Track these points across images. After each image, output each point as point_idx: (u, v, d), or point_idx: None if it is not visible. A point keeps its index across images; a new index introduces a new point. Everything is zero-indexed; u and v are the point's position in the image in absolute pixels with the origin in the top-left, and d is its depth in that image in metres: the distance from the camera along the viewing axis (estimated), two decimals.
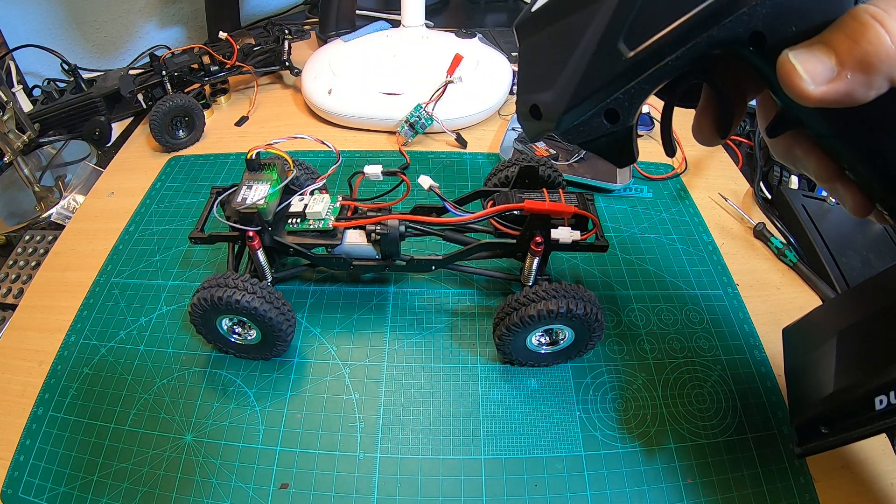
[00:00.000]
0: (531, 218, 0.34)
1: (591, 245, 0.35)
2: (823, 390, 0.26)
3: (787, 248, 0.45)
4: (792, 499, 0.32)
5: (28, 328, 0.41)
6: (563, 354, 0.36)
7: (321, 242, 0.35)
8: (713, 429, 0.35)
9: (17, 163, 0.53)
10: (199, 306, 0.33)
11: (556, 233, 0.34)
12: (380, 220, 0.34)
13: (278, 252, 0.37)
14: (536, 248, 0.34)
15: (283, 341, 0.35)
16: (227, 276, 0.33)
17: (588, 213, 0.35)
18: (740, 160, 0.57)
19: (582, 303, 0.32)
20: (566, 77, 0.22)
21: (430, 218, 0.35)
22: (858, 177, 0.22)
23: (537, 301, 0.32)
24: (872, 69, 0.17)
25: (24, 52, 0.66)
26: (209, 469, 0.33)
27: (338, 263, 0.36)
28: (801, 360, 0.30)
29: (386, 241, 0.35)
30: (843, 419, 0.25)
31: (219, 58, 0.60)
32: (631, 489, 0.32)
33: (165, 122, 0.55)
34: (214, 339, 0.36)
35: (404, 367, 0.38)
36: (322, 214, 0.36)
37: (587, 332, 0.34)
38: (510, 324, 0.33)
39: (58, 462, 0.33)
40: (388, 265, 0.36)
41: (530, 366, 0.37)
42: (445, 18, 0.90)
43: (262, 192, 0.34)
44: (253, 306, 0.32)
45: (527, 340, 0.35)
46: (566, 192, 0.36)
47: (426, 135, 0.58)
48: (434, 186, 0.34)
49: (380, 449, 0.34)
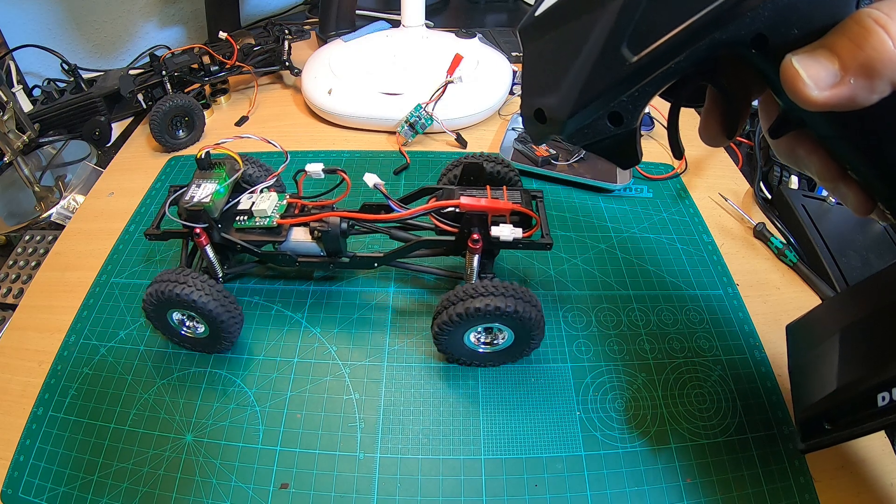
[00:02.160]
0: (467, 215, 0.34)
1: (533, 243, 0.35)
2: (827, 387, 0.26)
3: (787, 248, 0.45)
4: (792, 499, 0.32)
5: (28, 328, 0.41)
6: (502, 356, 0.36)
7: (267, 239, 0.36)
8: (713, 429, 0.35)
9: (17, 163, 0.53)
10: (150, 299, 0.34)
11: (496, 230, 0.34)
12: (320, 217, 0.35)
13: (228, 249, 0.38)
14: (474, 246, 0.34)
15: (229, 337, 0.36)
16: (178, 271, 0.34)
17: (527, 210, 0.34)
18: (740, 160, 0.57)
19: (522, 304, 0.32)
20: (570, 81, 0.22)
21: (367, 215, 0.36)
22: (861, 177, 0.22)
23: (476, 297, 0.32)
24: (876, 74, 0.17)
25: (24, 52, 0.66)
26: (209, 469, 0.33)
27: (284, 260, 0.37)
28: (804, 356, 0.30)
29: (327, 237, 0.35)
30: (847, 415, 0.26)
31: (219, 58, 0.60)
32: (631, 489, 0.32)
33: (165, 122, 0.55)
34: (167, 331, 0.37)
35: (404, 367, 0.38)
36: (268, 212, 0.36)
37: (527, 335, 0.34)
38: (448, 317, 0.33)
39: (58, 462, 0.33)
40: (333, 262, 0.37)
41: (465, 364, 0.37)
42: (445, 18, 0.90)
43: (209, 190, 0.35)
44: (199, 301, 0.33)
45: (465, 337, 0.35)
46: (511, 189, 0.36)
47: (426, 135, 0.58)
48: (379, 184, 0.34)
49: (380, 449, 0.34)
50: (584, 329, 0.40)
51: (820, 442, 0.27)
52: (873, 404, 0.24)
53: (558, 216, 0.49)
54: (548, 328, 0.40)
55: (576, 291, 0.43)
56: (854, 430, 0.25)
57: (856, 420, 0.25)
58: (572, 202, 0.51)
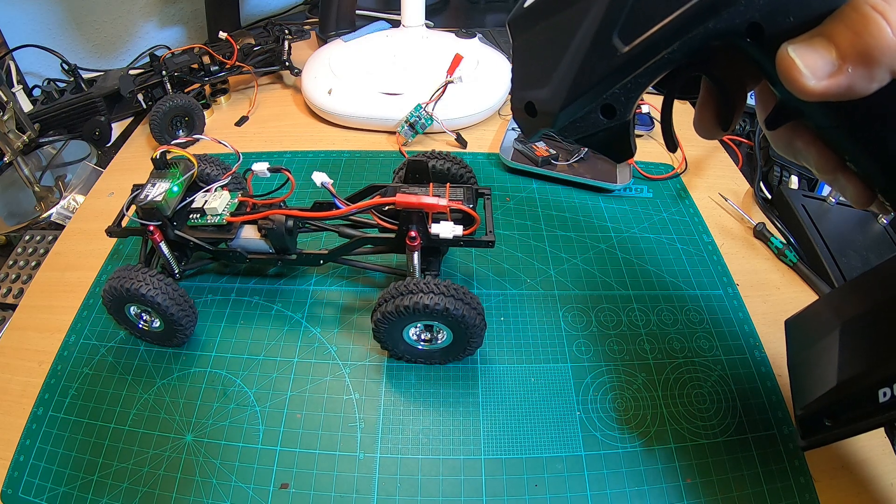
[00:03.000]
0: (404, 213, 0.34)
1: (475, 241, 0.35)
2: (827, 383, 0.26)
3: (787, 248, 0.45)
4: (792, 499, 0.32)
5: (28, 328, 0.41)
6: (441, 355, 0.36)
7: (218, 237, 0.37)
8: (713, 429, 0.35)
9: (17, 163, 0.53)
10: (107, 295, 0.35)
11: (436, 227, 0.34)
12: (266, 215, 0.36)
13: (184, 246, 0.38)
14: (411, 243, 0.34)
15: (183, 330, 0.36)
16: (133, 268, 0.35)
17: (465, 208, 0.35)
18: (740, 160, 0.57)
19: (461, 304, 0.32)
20: (561, 73, 0.22)
21: (308, 212, 0.36)
22: (860, 167, 0.21)
23: (415, 293, 0.32)
24: (874, 62, 0.17)
25: (24, 52, 0.66)
26: (209, 469, 0.33)
27: (235, 257, 0.38)
28: (803, 352, 0.30)
29: (273, 235, 0.36)
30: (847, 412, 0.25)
31: (219, 58, 0.60)
32: (631, 489, 0.32)
33: (165, 122, 0.55)
34: (126, 324, 0.38)
35: (404, 367, 0.38)
36: (219, 210, 0.37)
37: (465, 337, 0.34)
38: (385, 311, 0.33)
39: (58, 462, 0.33)
40: (281, 259, 0.38)
41: (407, 360, 0.37)
42: (445, 18, 0.90)
43: (162, 189, 0.36)
44: (150, 297, 0.34)
45: (404, 332, 0.35)
46: (455, 187, 0.36)
47: (426, 135, 0.58)
48: (327, 183, 0.35)
49: (380, 449, 0.34)
50: (584, 329, 0.40)
51: (820, 439, 0.27)
52: (874, 400, 0.24)
53: (558, 216, 0.49)
54: (548, 328, 0.40)
55: (576, 291, 0.43)
56: (855, 426, 0.25)
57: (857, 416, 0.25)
58: (572, 202, 0.51)
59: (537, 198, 0.51)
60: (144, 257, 0.39)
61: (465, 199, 0.35)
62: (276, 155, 0.56)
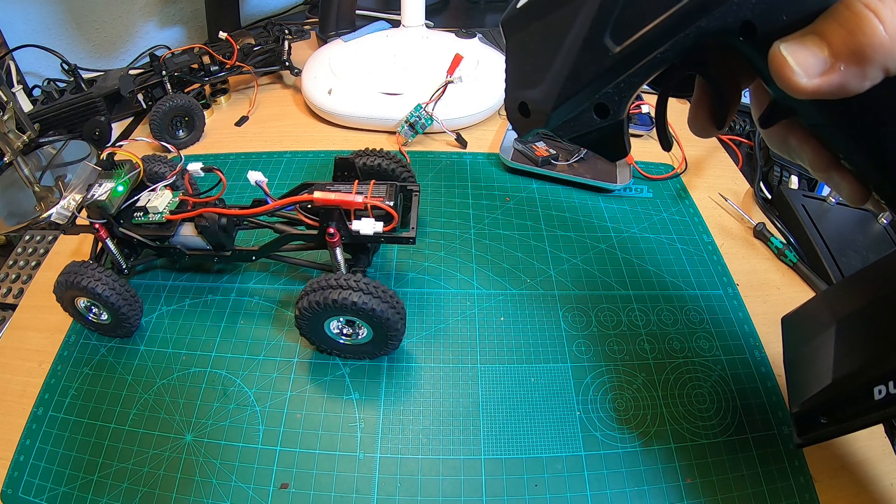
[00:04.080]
0: (324, 210, 0.35)
1: (395, 237, 0.36)
2: (822, 380, 0.26)
3: (787, 248, 0.45)
4: (792, 499, 0.32)
5: (28, 328, 0.41)
6: (361, 350, 0.37)
7: (159, 234, 0.39)
8: (713, 429, 0.35)
9: (17, 163, 0.53)
10: (57, 288, 0.37)
11: (357, 224, 0.35)
12: (200, 212, 0.37)
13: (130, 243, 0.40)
14: (330, 240, 0.35)
15: (128, 321, 0.38)
16: (82, 264, 0.37)
17: (383, 205, 0.35)
18: (740, 160, 0.57)
19: (378, 302, 0.33)
20: (553, 74, 0.22)
21: (237, 210, 0.38)
22: (854, 165, 0.21)
23: (333, 289, 0.33)
24: (867, 60, 0.17)
25: (24, 52, 0.66)
26: (209, 469, 0.33)
27: (175, 253, 0.39)
28: (799, 349, 0.30)
29: (207, 232, 0.38)
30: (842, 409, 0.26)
31: (219, 58, 0.60)
32: (631, 489, 0.32)
33: (165, 122, 0.55)
34: (77, 317, 0.39)
35: (405, 367, 0.38)
36: (160, 209, 0.38)
37: (384, 334, 0.35)
38: (305, 304, 0.34)
39: (58, 462, 0.33)
40: (218, 255, 0.39)
41: (329, 353, 0.38)
42: (445, 18, 0.90)
43: (107, 189, 0.37)
44: (95, 290, 0.36)
45: (325, 325, 0.35)
46: (380, 184, 0.37)
47: (426, 135, 0.58)
48: (261, 181, 0.36)
49: (380, 449, 0.34)
50: (584, 329, 0.40)
51: (816, 436, 0.27)
52: (870, 398, 0.24)
53: (558, 216, 0.49)
54: (548, 328, 0.40)
55: (576, 291, 0.43)
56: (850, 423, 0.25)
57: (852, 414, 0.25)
58: (572, 202, 0.51)
59: (537, 198, 0.51)
60: (95, 254, 0.40)
61: (386, 196, 0.36)
62: (277, 155, 0.56)
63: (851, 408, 0.25)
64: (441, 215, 0.49)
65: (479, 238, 0.47)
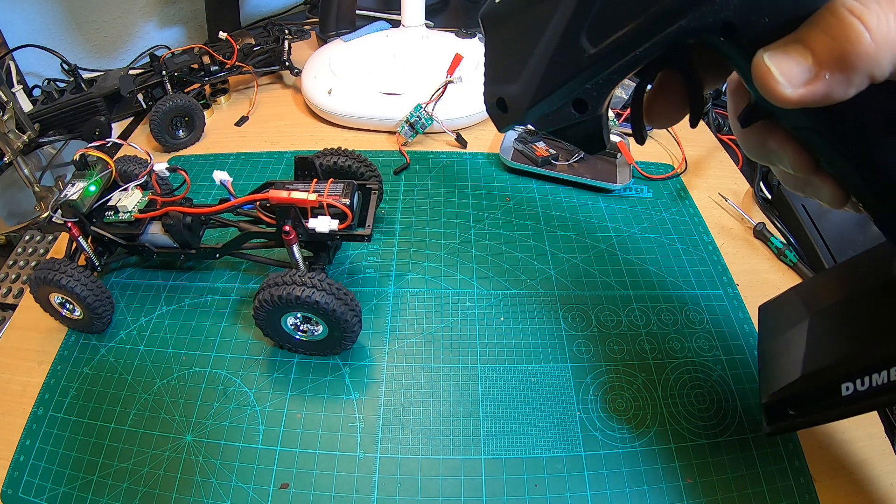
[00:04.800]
0: (279, 208, 0.36)
1: (349, 234, 0.37)
2: (792, 374, 0.27)
3: (787, 248, 0.45)
4: (792, 499, 0.32)
5: (28, 328, 0.41)
6: (316, 347, 0.37)
7: (129, 232, 0.40)
8: (713, 429, 0.35)
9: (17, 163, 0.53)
10: (32, 284, 0.38)
11: (313, 222, 0.36)
12: (166, 211, 0.39)
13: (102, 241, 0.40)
14: (286, 237, 0.36)
15: (100, 318, 0.38)
16: (55, 261, 0.37)
17: (337, 204, 0.36)
18: (740, 160, 0.57)
19: (333, 299, 0.33)
20: (530, 71, 0.22)
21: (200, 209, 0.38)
22: (834, 169, 0.21)
23: (289, 284, 0.34)
24: (852, 68, 0.16)
25: (24, 52, 0.66)
26: (209, 469, 0.33)
27: (144, 251, 0.40)
28: (773, 339, 0.30)
29: (173, 230, 0.38)
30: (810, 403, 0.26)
31: (219, 58, 0.60)
32: (631, 489, 0.32)
33: (165, 122, 0.55)
34: (52, 313, 0.39)
35: (404, 367, 0.38)
36: (129, 208, 0.40)
37: (339, 332, 0.35)
38: (262, 298, 0.34)
39: (58, 462, 0.33)
40: (184, 253, 0.40)
41: (289, 349, 0.38)
42: (445, 18, 0.90)
43: (79, 188, 0.38)
44: (67, 286, 0.36)
45: (281, 321, 0.36)
46: (337, 182, 0.38)
47: (426, 135, 0.58)
48: (226, 181, 0.37)
49: (380, 449, 0.34)
50: (584, 329, 0.40)
51: (784, 426, 0.28)
52: (837, 393, 0.24)
53: (558, 216, 0.49)
54: (548, 328, 0.40)
55: (576, 291, 0.43)
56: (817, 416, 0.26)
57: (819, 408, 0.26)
58: (572, 202, 0.51)
59: (537, 198, 0.51)
60: (69, 252, 0.40)
61: (342, 194, 0.37)
62: (276, 155, 0.56)
63: (819, 402, 0.26)
64: (441, 215, 0.49)
65: (479, 238, 0.47)
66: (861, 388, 0.23)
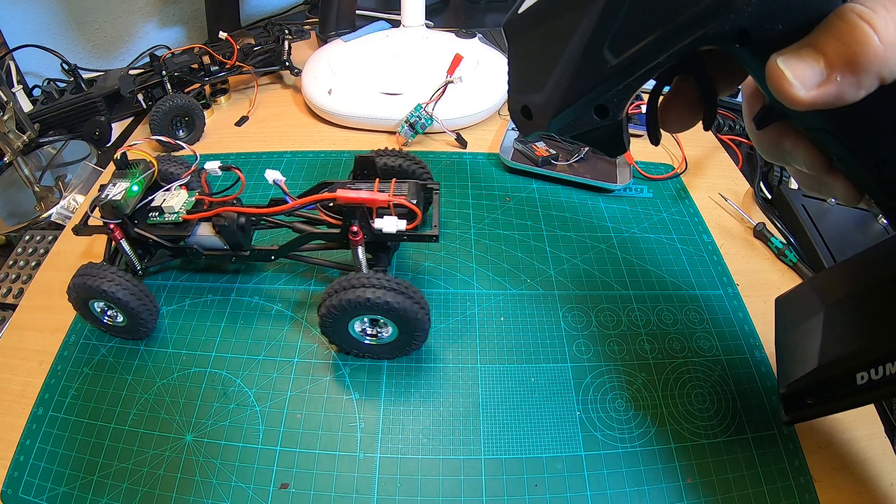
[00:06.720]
0: (346, 208, 0.35)
1: (418, 235, 0.36)
2: (809, 364, 0.27)
3: (787, 248, 0.45)
4: (792, 499, 0.32)
5: (28, 328, 0.41)
6: (386, 349, 0.37)
7: (175, 234, 0.38)
8: (713, 429, 0.35)
9: (17, 163, 0.53)
10: (71, 292, 0.36)
11: (379, 222, 0.35)
12: (218, 212, 0.37)
13: (146, 243, 0.39)
14: (353, 238, 0.35)
15: (145, 324, 0.37)
16: (96, 266, 0.36)
17: (407, 203, 0.35)
18: (740, 160, 0.57)
19: (404, 298, 0.33)
20: (554, 81, 0.22)
21: (257, 209, 0.37)
22: (847, 168, 0.22)
23: (358, 288, 0.33)
24: (862, 70, 0.17)
25: (24, 52, 0.66)
26: (209, 469, 0.33)
27: (192, 254, 0.39)
28: (790, 332, 0.31)
29: (226, 231, 0.37)
30: (827, 392, 0.27)
31: (219, 58, 0.60)
32: (631, 489, 0.32)
33: (165, 122, 0.55)
34: (91, 319, 0.38)
35: (404, 367, 0.38)
36: (176, 208, 0.38)
37: (409, 331, 0.35)
38: (330, 305, 0.33)
39: (58, 462, 0.33)
40: (236, 255, 0.39)
41: (355, 354, 0.38)
42: (445, 18, 0.90)
43: (122, 188, 0.37)
44: (112, 293, 0.35)
45: (349, 326, 0.35)
46: (401, 182, 0.37)
47: (426, 135, 0.58)
48: (279, 180, 0.35)
49: (380, 449, 0.34)
50: (584, 329, 0.40)
51: (802, 415, 0.29)
52: (853, 383, 0.25)
53: (558, 216, 0.49)
54: (548, 328, 0.40)
55: (576, 291, 0.43)
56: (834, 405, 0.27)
57: (836, 397, 0.26)
58: (572, 202, 0.51)
59: (537, 198, 0.51)
60: (109, 255, 0.40)
61: (409, 195, 0.36)
62: (277, 155, 0.56)
63: (835, 391, 0.26)
64: (441, 215, 0.49)
65: (479, 238, 0.47)
66: (876, 377, 0.24)
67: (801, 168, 0.23)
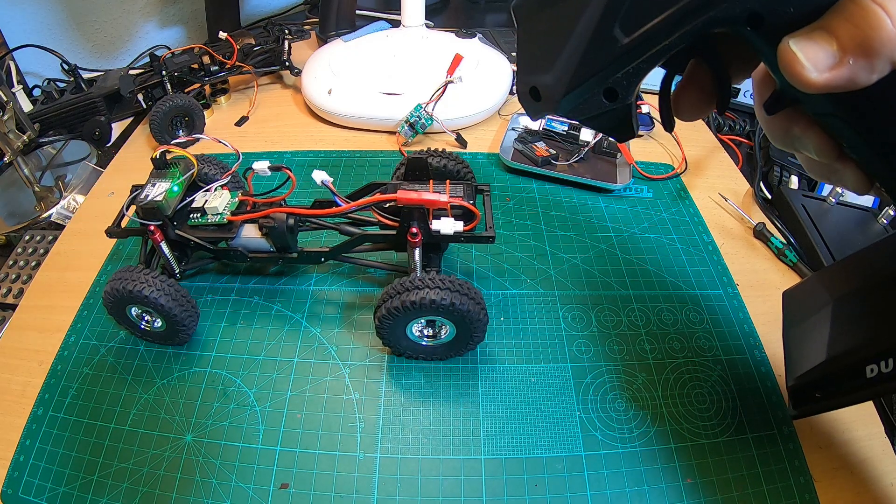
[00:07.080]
0: (405, 209, 0.34)
1: (476, 236, 0.35)
2: (817, 357, 0.27)
3: (787, 248, 0.45)
4: (792, 499, 0.32)
5: (28, 328, 0.41)
6: (444, 350, 0.37)
7: (218, 236, 0.37)
8: (713, 429, 0.35)
9: (17, 163, 0.53)
10: (108, 297, 0.35)
11: (437, 223, 0.35)
12: (267, 213, 0.36)
13: (184, 246, 0.38)
14: (412, 239, 0.34)
15: (185, 330, 0.37)
16: (134, 269, 0.35)
17: (466, 204, 0.35)
18: (740, 160, 0.57)
19: (460, 297, 0.32)
20: (564, 61, 0.22)
21: (309, 210, 0.36)
22: (858, 154, 0.22)
23: (420, 289, 0.32)
24: (874, 53, 0.17)
25: (24, 52, 0.66)
26: (209, 469, 0.33)
27: (236, 256, 0.38)
28: (797, 325, 0.31)
29: (274, 233, 0.36)
30: (835, 385, 0.27)
31: (219, 58, 0.60)
32: (631, 489, 0.32)
33: (165, 122, 0.55)
34: (128, 325, 0.38)
35: (405, 366, 0.38)
36: (219, 209, 0.37)
37: (468, 330, 0.34)
38: (390, 308, 0.33)
39: (58, 462, 0.33)
40: (282, 257, 0.38)
41: (409, 357, 0.37)
42: (445, 18, 0.90)
43: (162, 189, 0.36)
44: (151, 297, 0.34)
45: (407, 329, 0.35)
46: (455, 183, 0.36)
47: (426, 135, 0.58)
48: (327, 181, 0.35)
49: (380, 449, 0.34)
50: (584, 329, 0.40)
51: (810, 409, 0.28)
52: (862, 376, 0.25)
53: (558, 216, 0.49)
54: (548, 328, 0.40)
55: (576, 291, 0.43)
56: (843, 398, 0.26)
57: (845, 390, 0.26)
58: (572, 202, 0.51)
59: (537, 198, 0.51)
60: (145, 258, 0.38)
61: (465, 196, 0.36)
62: (277, 155, 0.56)
63: (844, 384, 0.26)
64: None
65: None
66: (886, 369, 0.24)
67: (812, 155, 0.23)
